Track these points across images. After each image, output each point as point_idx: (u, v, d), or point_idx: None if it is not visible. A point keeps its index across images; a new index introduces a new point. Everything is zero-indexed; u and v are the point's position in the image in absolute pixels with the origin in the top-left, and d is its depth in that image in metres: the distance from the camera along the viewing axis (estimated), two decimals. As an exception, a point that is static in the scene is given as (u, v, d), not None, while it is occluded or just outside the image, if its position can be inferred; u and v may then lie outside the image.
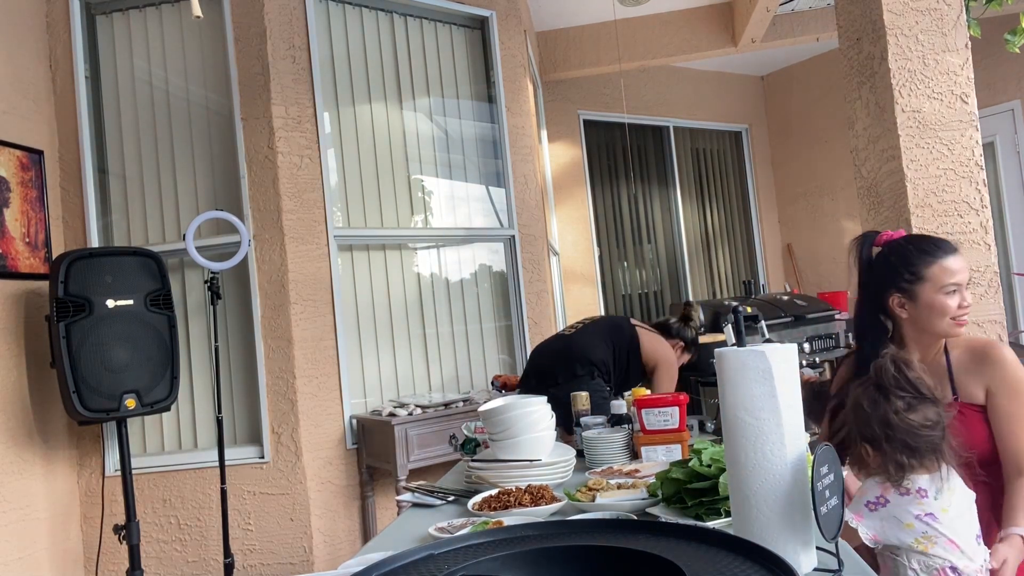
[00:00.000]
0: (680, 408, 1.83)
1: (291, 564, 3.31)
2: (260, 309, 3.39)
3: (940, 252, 1.85)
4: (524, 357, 4.04)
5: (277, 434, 3.35)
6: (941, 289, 1.82)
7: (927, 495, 1.45)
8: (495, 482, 1.71)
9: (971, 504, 1.49)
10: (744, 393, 1.06)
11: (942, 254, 1.84)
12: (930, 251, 1.86)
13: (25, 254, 3.21)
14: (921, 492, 1.45)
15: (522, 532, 0.92)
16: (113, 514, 3.29)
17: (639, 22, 5.36)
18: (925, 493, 1.45)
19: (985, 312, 2.43)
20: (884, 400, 1.47)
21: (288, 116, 3.45)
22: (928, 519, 1.44)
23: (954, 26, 2.50)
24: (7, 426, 3.04)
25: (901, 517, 1.46)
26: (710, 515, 1.26)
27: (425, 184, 3.97)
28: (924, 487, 1.45)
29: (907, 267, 1.85)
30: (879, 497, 1.48)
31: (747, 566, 0.74)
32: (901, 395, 1.46)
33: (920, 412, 1.45)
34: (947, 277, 1.82)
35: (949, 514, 1.44)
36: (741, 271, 6.93)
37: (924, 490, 1.45)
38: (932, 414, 1.45)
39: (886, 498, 1.48)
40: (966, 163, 2.48)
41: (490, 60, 4.17)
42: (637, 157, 6.37)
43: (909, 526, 1.45)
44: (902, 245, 1.89)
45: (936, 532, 1.43)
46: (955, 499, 1.46)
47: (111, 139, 3.57)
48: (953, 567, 1.43)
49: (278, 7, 3.47)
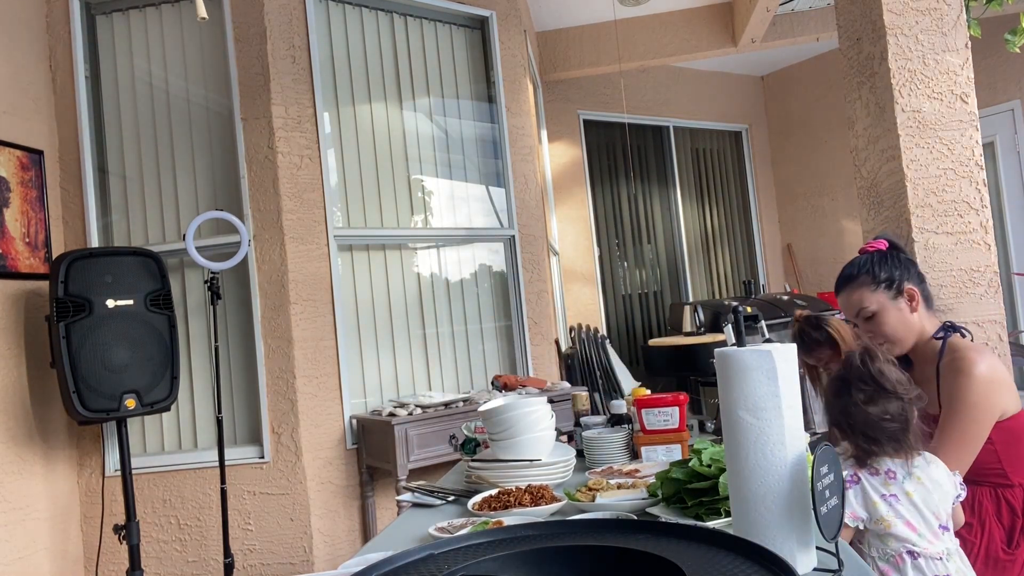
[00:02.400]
0: (680, 408, 1.83)
1: (291, 564, 3.31)
2: (260, 309, 3.39)
3: (837, 288, 1.99)
4: (524, 357, 4.04)
5: (277, 434, 3.35)
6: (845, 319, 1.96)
7: (895, 477, 1.51)
8: (495, 482, 1.71)
9: (947, 494, 1.52)
10: (745, 393, 1.06)
11: (837, 290, 1.99)
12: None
13: (25, 254, 3.21)
14: (890, 473, 1.52)
15: (522, 532, 0.92)
16: (113, 514, 3.29)
17: (639, 22, 5.36)
18: (894, 475, 1.52)
19: (985, 312, 2.43)
20: (846, 392, 1.54)
21: (288, 116, 3.45)
22: (891, 499, 1.51)
23: (954, 26, 2.50)
24: (7, 426, 3.04)
25: (869, 494, 1.51)
26: (710, 515, 1.26)
27: (425, 184, 3.97)
28: (893, 469, 1.52)
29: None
30: (852, 475, 1.54)
31: (747, 566, 0.74)
32: (862, 387, 1.52)
33: (880, 405, 1.50)
34: (843, 312, 1.97)
35: (913, 498, 1.50)
36: (741, 271, 6.93)
37: (893, 472, 1.52)
38: (893, 407, 1.50)
39: (858, 475, 1.54)
40: (966, 163, 2.48)
41: (490, 60, 4.17)
42: (637, 157, 6.37)
43: (875, 504, 1.51)
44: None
45: (896, 513, 1.49)
46: (924, 486, 1.50)
47: (111, 139, 3.57)
48: (911, 551, 1.48)
49: (278, 7, 3.47)
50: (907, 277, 1.91)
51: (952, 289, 2.45)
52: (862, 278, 1.91)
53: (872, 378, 1.52)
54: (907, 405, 1.51)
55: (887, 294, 1.89)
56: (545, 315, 4.15)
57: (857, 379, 1.53)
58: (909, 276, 1.92)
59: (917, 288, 1.91)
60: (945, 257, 2.46)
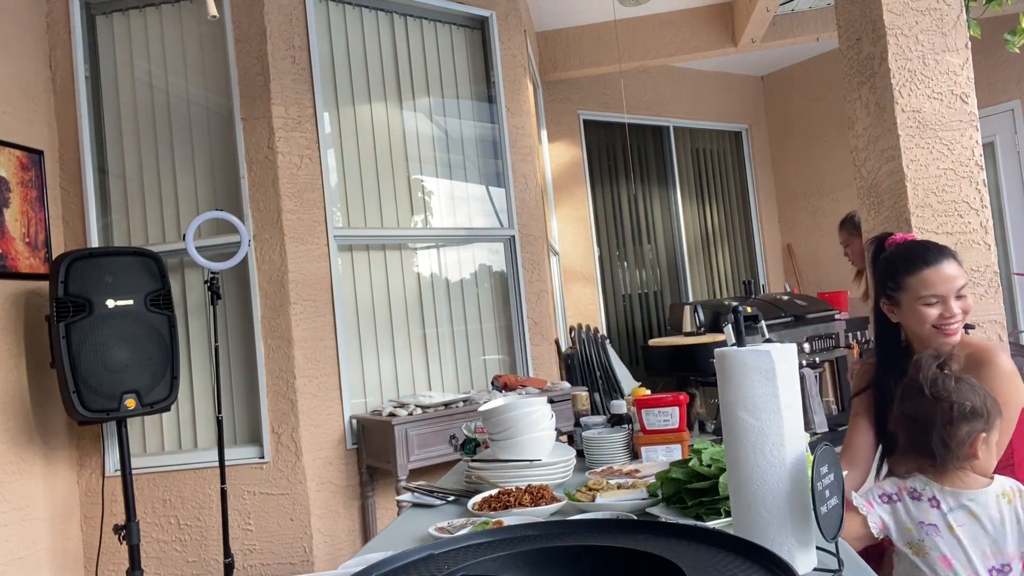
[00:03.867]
0: (680, 408, 1.83)
1: (291, 564, 3.31)
2: (260, 309, 3.39)
3: (922, 263, 1.84)
4: (524, 357, 4.04)
5: (277, 434, 3.35)
6: (919, 300, 1.83)
7: (938, 506, 1.46)
8: (495, 482, 1.71)
9: (1000, 539, 1.46)
10: (745, 393, 1.06)
11: (923, 265, 1.84)
12: (914, 260, 1.86)
13: (25, 254, 3.21)
14: (933, 502, 1.48)
15: (522, 532, 0.92)
16: (113, 514, 3.29)
17: (639, 22, 5.36)
18: (936, 504, 1.47)
19: (985, 312, 2.44)
20: (945, 416, 1.47)
21: (288, 116, 3.45)
22: (930, 528, 1.46)
23: (954, 26, 2.50)
24: (7, 426, 3.04)
25: (902, 519, 1.47)
26: (710, 515, 1.26)
27: (425, 184, 3.97)
28: (939, 498, 1.47)
29: (892, 275, 1.87)
30: (895, 494, 1.51)
31: (747, 566, 0.74)
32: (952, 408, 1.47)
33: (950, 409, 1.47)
34: (924, 289, 1.82)
35: (956, 532, 1.45)
36: (741, 271, 6.93)
37: (937, 500, 1.47)
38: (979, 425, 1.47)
39: (900, 496, 1.51)
40: (966, 163, 2.48)
41: (490, 60, 4.17)
42: (637, 157, 6.37)
43: (909, 530, 1.47)
44: (897, 251, 1.90)
45: (932, 544, 1.45)
46: (979, 522, 1.45)
47: (111, 139, 3.57)
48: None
49: (278, 7, 3.47)
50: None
51: (952, 289, 2.44)
52: (953, 254, 1.83)
53: (943, 386, 1.49)
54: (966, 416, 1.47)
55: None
56: (545, 315, 4.15)
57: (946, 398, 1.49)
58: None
59: None
60: (945, 257, 2.45)
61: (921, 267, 1.83)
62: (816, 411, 4.14)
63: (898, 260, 1.88)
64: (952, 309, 1.81)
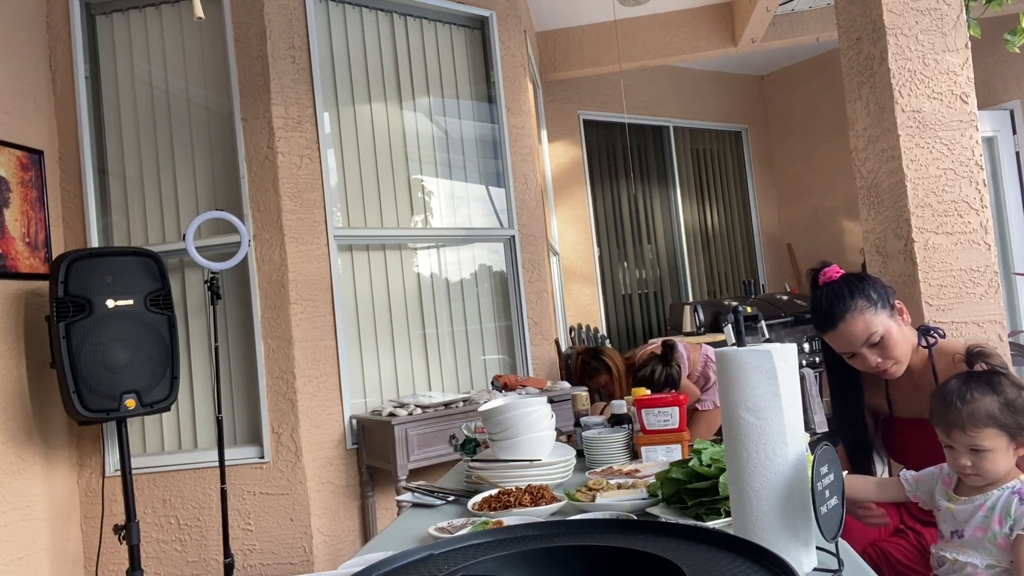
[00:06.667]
0: (680, 408, 1.83)
1: (291, 564, 3.31)
2: (260, 309, 3.39)
3: (819, 328, 1.83)
4: (524, 357, 4.04)
5: (277, 434, 3.35)
6: (842, 353, 1.84)
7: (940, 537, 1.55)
8: (495, 482, 1.71)
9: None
10: (746, 393, 1.06)
11: (820, 330, 1.84)
12: (815, 322, 1.85)
13: (25, 254, 3.21)
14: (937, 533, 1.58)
15: (522, 532, 0.92)
16: (113, 514, 3.29)
17: (639, 22, 5.36)
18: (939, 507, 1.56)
19: (985, 312, 2.44)
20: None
21: (288, 116, 3.45)
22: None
23: (954, 26, 2.50)
24: (7, 426, 3.04)
25: (936, 497, 1.56)
26: (710, 515, 1.26)
27: (425, 184, 3.97)
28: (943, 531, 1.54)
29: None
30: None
31: (747, 566, 0.74)
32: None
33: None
34: (835, 346, 1.83)
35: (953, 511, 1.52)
36: (741, 271, 6.93)
37: (939, 506, 1.56)
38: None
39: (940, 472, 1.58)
40: (966, 163, 2.48)
41: (490, 60, 4.17)
42: (637, 157, 6.37)
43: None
44: (813, 302, 1.87)
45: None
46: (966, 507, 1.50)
47: (111, 139, 3.57)
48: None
49: (278, 7, 3.47)
50: (889, 292, 1.83)
51: (952, 289, 2.45)
52: (859, 304, 1.76)
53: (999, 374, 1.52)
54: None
55: (886, 312, 1.78)
56: (545, 315, 4.15)
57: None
58: (888, 291, 1.84)
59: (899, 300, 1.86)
60: (945, 257, 2.46)
61: (822, 330, 1.83)
62: (816, 411, 4.14)
63: (812, 314, 1.88)
64: (868, 362, 1.78)
